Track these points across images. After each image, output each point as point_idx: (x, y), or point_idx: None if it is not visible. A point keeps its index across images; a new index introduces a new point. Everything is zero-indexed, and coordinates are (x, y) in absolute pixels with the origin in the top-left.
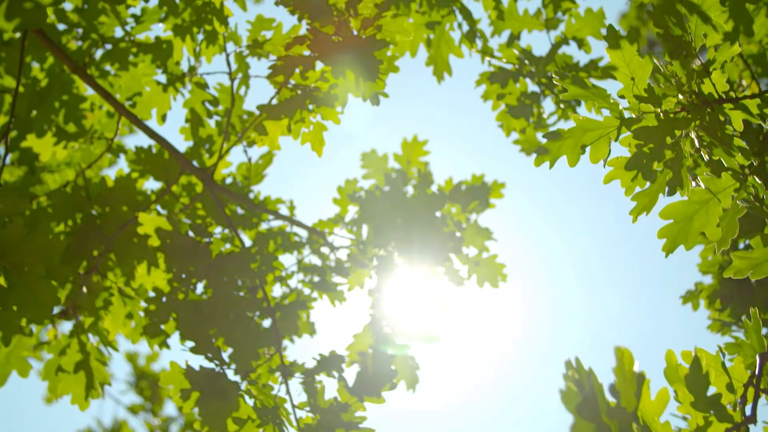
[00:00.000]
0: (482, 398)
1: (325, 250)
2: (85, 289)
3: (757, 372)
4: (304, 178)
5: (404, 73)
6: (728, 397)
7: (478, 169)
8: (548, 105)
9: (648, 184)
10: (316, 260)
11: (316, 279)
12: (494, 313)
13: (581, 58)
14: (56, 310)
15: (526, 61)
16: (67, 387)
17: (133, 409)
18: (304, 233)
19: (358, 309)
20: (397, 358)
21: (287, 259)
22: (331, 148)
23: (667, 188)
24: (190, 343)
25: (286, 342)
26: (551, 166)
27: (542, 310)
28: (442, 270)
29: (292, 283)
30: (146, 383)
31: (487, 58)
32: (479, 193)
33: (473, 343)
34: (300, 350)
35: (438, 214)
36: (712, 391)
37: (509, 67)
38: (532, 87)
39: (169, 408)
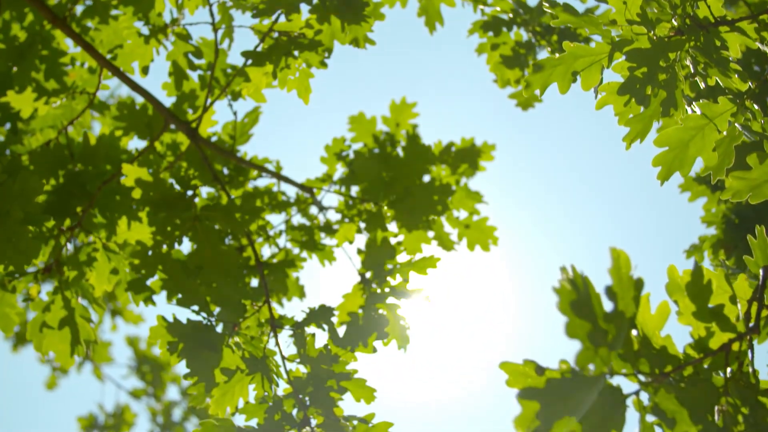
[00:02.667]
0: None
1: (313, 210)
2: (68, 245)
3: (760, 283)
4: (290, 141)
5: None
6: (731, 309)
7: (469, 131)
8: (544, 56)
9: (642, 109)
10: (304, 221)
11: (304, 239)
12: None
13: (577, 7)
14: (35, 269)
15: (521, 11)
16: (51, 343)
17: (135, 394)
18: (291, 193)
19: (348, 271)
20: (388, 318)
21: (275, 219)
22: (317, 114)
23: (661, 109)
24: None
25: (274, 304)
26: (542, 92)
27: (538, 271)
28: (432, 234)
29: (281, 243)
30: (148, 368)
31: (480, 7)
32: (469, 156)
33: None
34: (289, 314)
35: (427, 178)
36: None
37: (504, 17)
38: (527, 37)
39: (172, 392)
